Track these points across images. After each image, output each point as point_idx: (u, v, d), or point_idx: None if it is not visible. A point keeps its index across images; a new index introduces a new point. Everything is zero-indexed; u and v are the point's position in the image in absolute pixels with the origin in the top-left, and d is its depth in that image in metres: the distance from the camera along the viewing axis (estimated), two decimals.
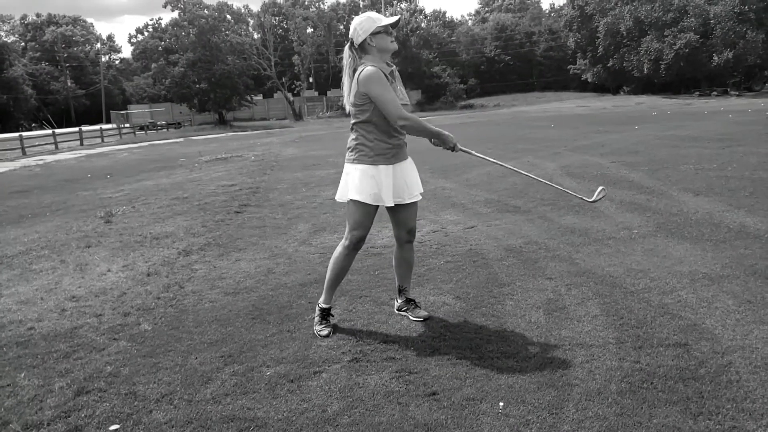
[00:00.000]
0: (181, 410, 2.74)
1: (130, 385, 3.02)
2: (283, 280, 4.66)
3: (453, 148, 3.37)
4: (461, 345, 3.25)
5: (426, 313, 3.65)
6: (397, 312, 3.76)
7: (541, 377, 2.82)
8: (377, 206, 3.40)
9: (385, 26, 3.25)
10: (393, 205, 3.39)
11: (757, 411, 2.44)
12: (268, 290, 4.44)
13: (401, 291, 3.73)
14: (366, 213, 3.39)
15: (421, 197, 3.59)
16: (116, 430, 2.61)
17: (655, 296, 3.77)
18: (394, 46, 3.33)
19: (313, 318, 3.67)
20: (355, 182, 3.35)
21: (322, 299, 3.62)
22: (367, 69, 3.22)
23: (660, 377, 2.75)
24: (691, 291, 3.82)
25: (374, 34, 3.25)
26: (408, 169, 3.52)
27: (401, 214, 3.51)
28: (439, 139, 3.36)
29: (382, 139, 3.36)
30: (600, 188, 3.61)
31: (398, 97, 3.29)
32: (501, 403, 2.61)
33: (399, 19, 3.38)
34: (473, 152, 3.57)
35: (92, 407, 2.82)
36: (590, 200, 3.62)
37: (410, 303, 3.70)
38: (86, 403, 2.86)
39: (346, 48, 3.38)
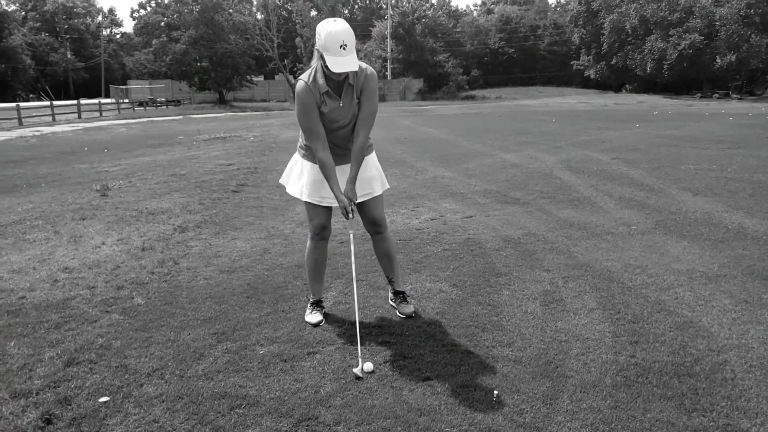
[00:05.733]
0: (172, 385, 2.72)
1: (122, 358, 2.99)
2: (279, 261, 4.63)
3: (344, 214, 3.08)
4: (457, 332, 3.23)
5: (411, 310, 3.46)
6: (389, 303, 3.68)
7: (536, 367, 2.81)
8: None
9: (324, 64, 2.90)
10: (312, 202, 3.26)
11: (751, 410, 2.43)
12: (263, 270, 4.41)
13: (389, 281, 3.60)
14: (309, 205, 3.31)
15: (374, 194, 3.33)
16: (106, 402, 2.59)
17: (652, 292, 3.76)
18: (335, 77, 2.97)
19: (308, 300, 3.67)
20: (296, 175, 3.35)
21: (310, 292, 3.60)
22: (298, 84, 3.04)
23: (655, 372, 2.73)
24: (689, 289, 3.81)
25: (322, 57, 2.92)
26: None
27: (361, 207, 3.34)
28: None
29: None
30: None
31: (336, 119, 3.07)
32: (495, 392, 2.59)
33: (342, 74, 2.92)
34: (351, 236, 3.26)
35: (82, 378, 2.79)
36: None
37: (398, 296, 3.54)
38: (76, 374, 2.83)
39: None
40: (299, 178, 3.34)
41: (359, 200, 3.25)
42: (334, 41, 2.83)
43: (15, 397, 2.63)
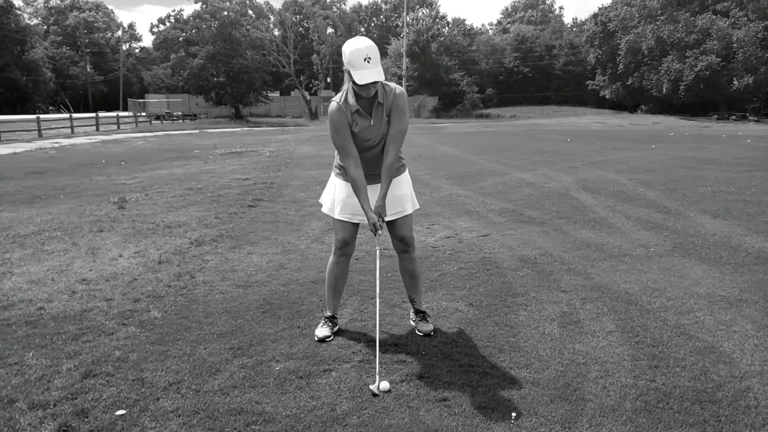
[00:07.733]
0: (188, 400, 2.72)
1: (138, 372, 3.00)
2: (295, 276, 4.64)
3: (373, 230, 3.17)
4: (473, 352, 3.21)
5: (430, 328, 3.47)
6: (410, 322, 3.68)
7: (555, 390, 2.78)
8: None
9: (352, 80, 2.98)
10: (343, 219, 3.36)
11: None
12: (279, 285, 4.42)
13: (411, 301, 3.63)
14: (337, 221, 3.41)
15: (404, 213, 3.40)
16: (123, 415, 2.59)
17: (672, 316, 3.71)
18: (364, 94, 3.06)
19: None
20: (330, 194, 3.47)
21: (326, 306, 3.61)
22: (330, 105, 3.16)
23: (676, 398, 2.69)
24: (709, 313, 3.76)
25: (349, 72, 3.01)
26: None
27: (391, 225, 3.42)
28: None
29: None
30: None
31: (367, 137, 3.17)
32: (513, 414, 2.56)
33: (369, 84, 2.97)
34: (378, 252, 3.30)
35: (99, 391, 2.80)
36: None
37: (419, 315, 3.56)
38: (93, 386, 2.84)
39: None
40: (333, 195, 3.44)
41: (389, 218, 3.30)
42: (358, 56, 2.93)
43: (33, 408, 2.64)
